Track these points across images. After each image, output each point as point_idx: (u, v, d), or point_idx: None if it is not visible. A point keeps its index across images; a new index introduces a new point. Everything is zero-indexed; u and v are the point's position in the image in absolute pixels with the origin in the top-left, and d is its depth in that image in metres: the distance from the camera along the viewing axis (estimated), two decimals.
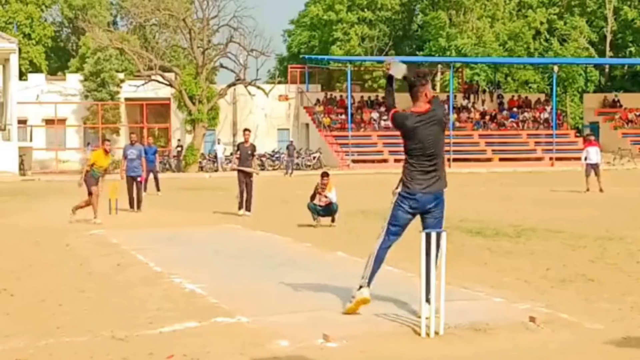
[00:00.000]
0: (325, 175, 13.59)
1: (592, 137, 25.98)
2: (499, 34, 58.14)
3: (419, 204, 6.07)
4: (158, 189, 22.78)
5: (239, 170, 15.92)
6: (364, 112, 47.93)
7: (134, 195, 17.17)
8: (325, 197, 13.37)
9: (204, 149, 45.00)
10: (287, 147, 40.65)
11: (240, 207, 15.68)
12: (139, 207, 16.99)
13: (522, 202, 18.99)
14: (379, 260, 6.17)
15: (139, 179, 17.36)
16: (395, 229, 6.17)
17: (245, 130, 16.75)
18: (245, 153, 15.90)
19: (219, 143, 44.68)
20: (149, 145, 24.30)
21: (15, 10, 59.07)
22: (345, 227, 13.06)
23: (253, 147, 16.09)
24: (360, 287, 6.12)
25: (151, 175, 22.10)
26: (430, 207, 6.08)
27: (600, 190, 21.83)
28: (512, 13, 60.56)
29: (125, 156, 17.50)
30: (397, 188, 6.19)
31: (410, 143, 6.06)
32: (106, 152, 15.04)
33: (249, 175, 15.85)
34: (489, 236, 11.63)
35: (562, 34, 59.47)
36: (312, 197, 13.52)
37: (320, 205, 13.42)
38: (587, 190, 22.01)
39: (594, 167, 22.50)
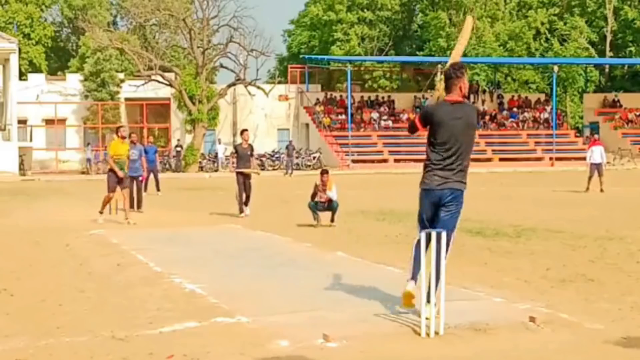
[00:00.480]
0: (324, 172, 13.56)
1: (597, 137, 25.95)
2: (499, 34, 58.15)
3: (436, 198, 5.97)
4: (158, 189, 22.78)
5: (238, 173, 15.58)
6: (364, 112, 47.94)
7: (134, 195, 17.18)
8: (326, 195, 13.37)
9: (204, 149, 45.01)
10: (287, 147, 40.69)
11: (241, 212, 15.30)
12: (139, 207, 17.00)
13: (522, 202, 18.98)
14: (417, 257, 5.94)
15: (140, 178, 17.39)
16: (423, 224, 6.09)
17: (244, 131, 16.31)
18: (244, 154, 15.57)
19: (219, 143, 44.66)
20: (149, 144, 24.33)
21: (15, 10, 59.09)
22: (345, 227, 13.06)
23: (252, 148, 15.78)
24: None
25: (151, 175, 22.12)
26: (446, 201, 5.96)
27: (601, 190, 21.83)
28: (512, 13, 60.54)
29: (127, 156, 17.47)
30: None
31: (434, 132, 5.90)
32: (122, 138, 14.95)
33: (248, 176, 15.53)
34: (489, 236, 11.63)
35: (562, 34, 59.47)
36: (313, 196, 13.51)
37: (321, 202, 13.41)
38: (587, 190, 22.00)
39: (597, 166, 22.47)
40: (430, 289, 5.77)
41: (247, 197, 15.50)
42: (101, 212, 14.42)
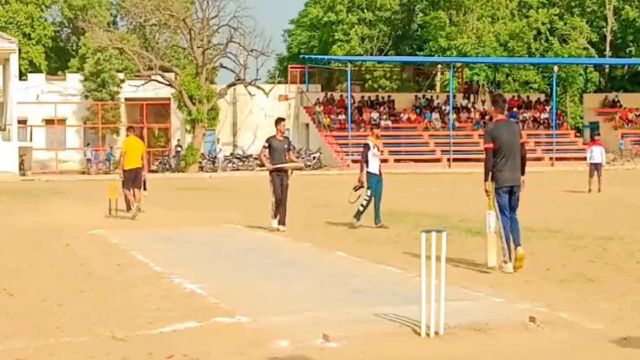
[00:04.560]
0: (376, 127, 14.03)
1: (597, 137, 25.89)
2: (499, 34, 58.11)
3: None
4: (144, 189, 22.65)
5: (274, 172, 12.66)
6: (364, 112, 47.91)
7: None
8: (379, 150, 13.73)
9: (204, 149, 45.01)
10: None
11: (275, 216, 12.67)
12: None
13: (521, 202, 18.91)
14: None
15: None
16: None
17: (280, 120, 13.01)
18: (280, 149, 12.67)
19: (217, 142, 44.48)
20: None
21: (15, 10, 59.04)
22: (346, 227, 13.06)
23: (289, 141, 13.07)
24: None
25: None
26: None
27: (599, 190, 21.78)
28: (513, 13, 60.50)
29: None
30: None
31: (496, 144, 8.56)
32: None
33: (286, 176, 12.81)
34: None
35: (562, 34, 59.45)
36: (366, 162, 13.81)
37: (376, 175, 13.77)
38: (590, 190, 21.93)
39: (597, 166, 22.41)
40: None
41: (283, 206, 12.66)
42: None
